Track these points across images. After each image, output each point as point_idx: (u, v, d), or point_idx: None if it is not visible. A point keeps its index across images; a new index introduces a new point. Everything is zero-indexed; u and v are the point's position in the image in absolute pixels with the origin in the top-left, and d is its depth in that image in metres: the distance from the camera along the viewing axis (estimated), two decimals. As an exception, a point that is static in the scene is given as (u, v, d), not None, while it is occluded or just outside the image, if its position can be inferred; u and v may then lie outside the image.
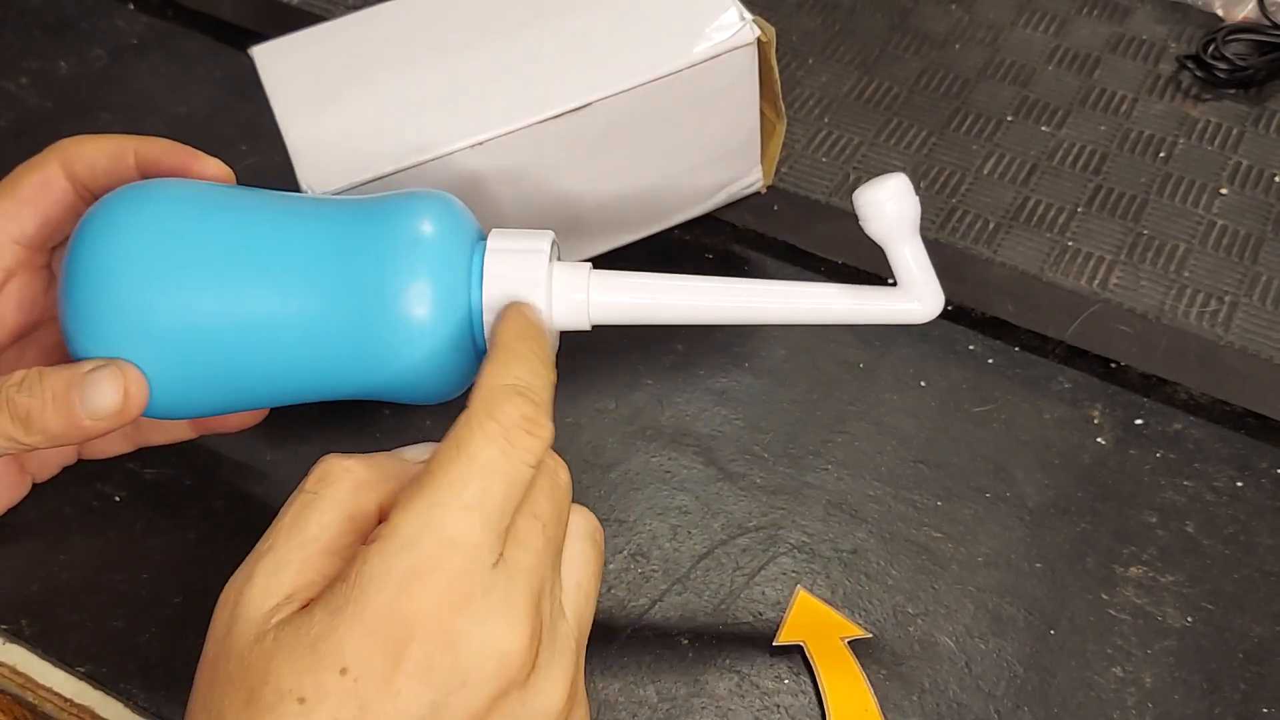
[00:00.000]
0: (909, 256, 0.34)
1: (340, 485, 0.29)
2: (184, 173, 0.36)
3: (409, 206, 0.33)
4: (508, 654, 0.27)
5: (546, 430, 0.29)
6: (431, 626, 0.26)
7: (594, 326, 0.34)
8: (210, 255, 0.33)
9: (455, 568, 0.27)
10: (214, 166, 0.37)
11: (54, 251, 0.38)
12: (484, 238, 0.34)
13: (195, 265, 0.33)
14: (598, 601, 0.32)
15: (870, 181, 0.33)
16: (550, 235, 0.34)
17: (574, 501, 0.31)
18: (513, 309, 0.33)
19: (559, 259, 0.34)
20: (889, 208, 0.33)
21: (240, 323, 0.33)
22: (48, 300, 0.38)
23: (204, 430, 0.39)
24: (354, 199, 0.35)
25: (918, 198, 0.34)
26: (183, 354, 0.33)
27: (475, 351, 0.34)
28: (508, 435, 0.28)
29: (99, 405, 0.32)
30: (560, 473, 0.30)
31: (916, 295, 0.34)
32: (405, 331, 0.32)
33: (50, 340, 0.38)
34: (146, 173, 0.36)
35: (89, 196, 0.37)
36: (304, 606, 0.27)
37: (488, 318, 0.33)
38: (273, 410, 0.39)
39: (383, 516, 0.30)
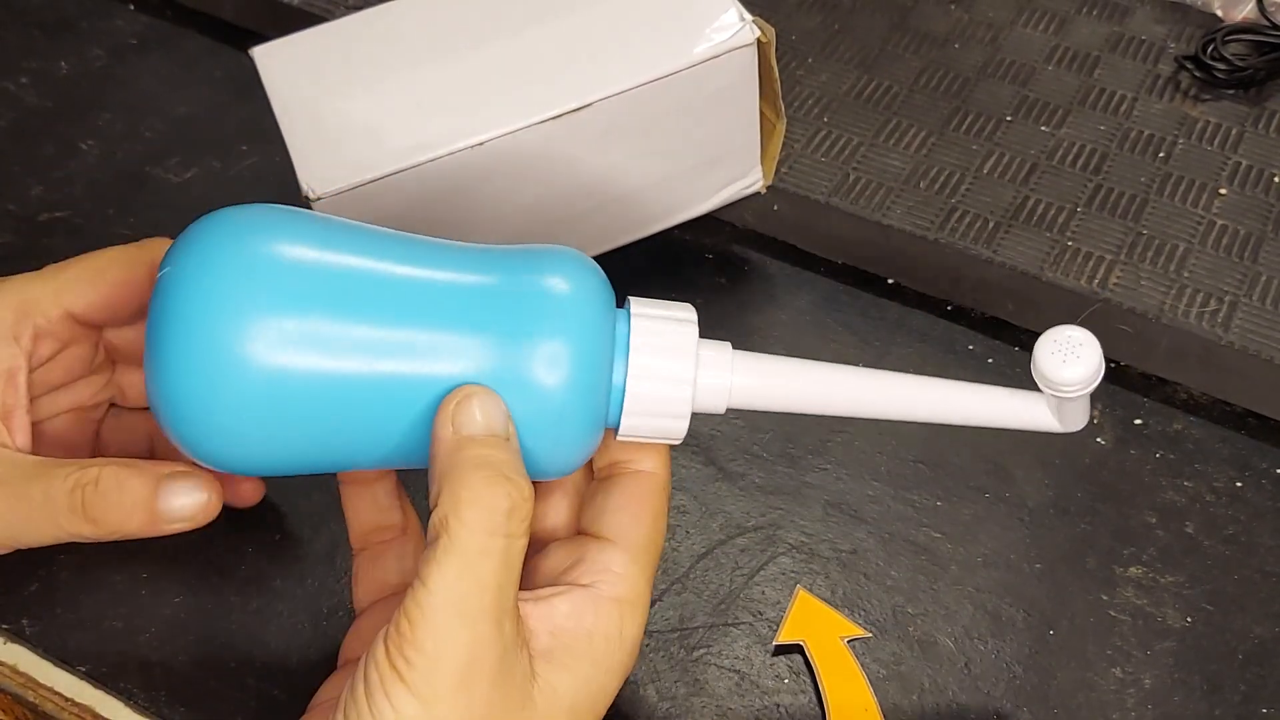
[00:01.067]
0: (1079, 403, 0.31)
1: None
2: None
3: (549, 262, 0.30)
4: None
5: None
6: None
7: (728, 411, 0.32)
8: (325, 309, 0.28)
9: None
10: None
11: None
12: (624, 301, 0.31)
13: (309, 322, 0.28)
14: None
15: (1065, 351, 0.30)
16: (693, 312, 0.31)
17: None
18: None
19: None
20: (1090, 387, 0.30)
21: (355, 388, 0.28)
22: (91, 361, 0.38)
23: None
24: (489, 247, 0.31)
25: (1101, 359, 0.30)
26: (290, 423, 0.29)
27: (602, 430, 0.31)
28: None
29: (180, 514, 0.33)
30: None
31: (1065, 422, 0.32)
32: (539, 403, 0.29)
33: (86, 392, 0.38)
34: None
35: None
36: None
37: (629, 406, 0.30)
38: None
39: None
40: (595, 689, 0.30)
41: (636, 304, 0.31)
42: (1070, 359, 0.30)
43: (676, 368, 0.30)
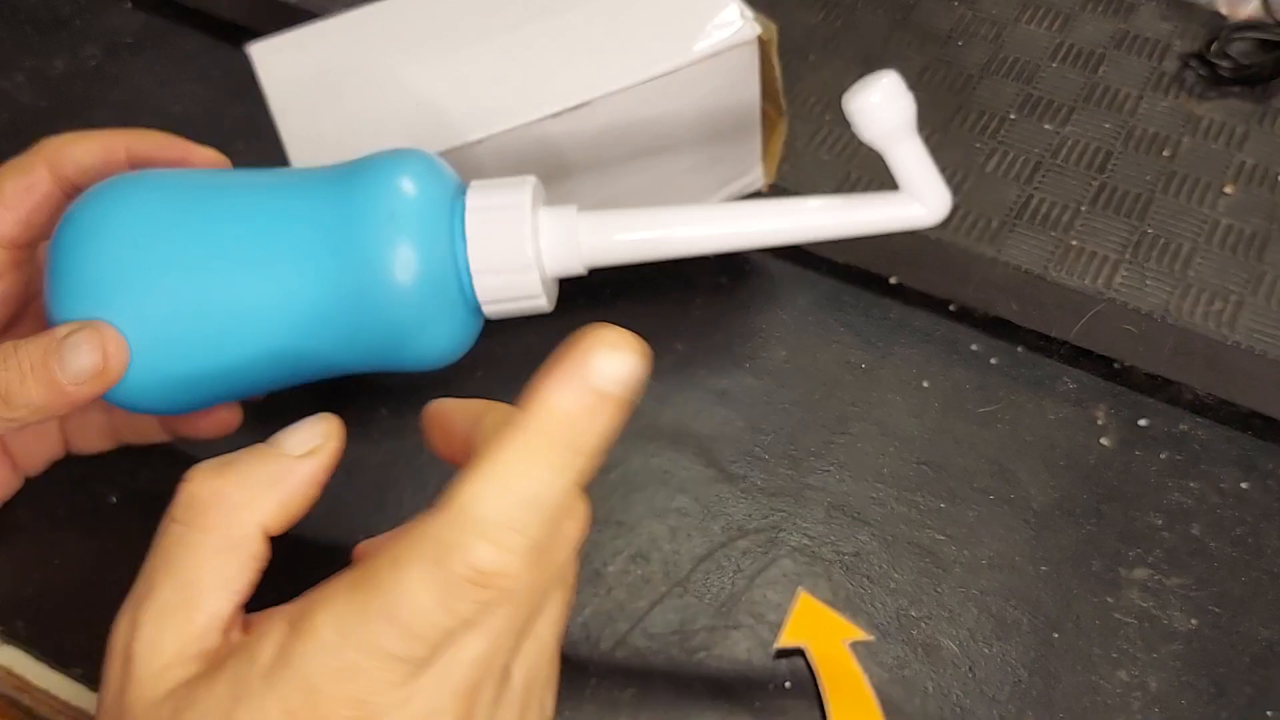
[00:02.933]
0: (908, 157, 0.32)
1: (210, 513, 0.28)
2: (180, 165, 0.36)
3: (385, 167, 0.33)
4: None
5: (513, 581, 0.24)
6: None
7: (590, 270, 0.34)
8: (190, 234, 0.32)
9: (361, 690, 0.25)
10: (209, 156, 0.36)
11: (40, 247, 0.37)
12: (464, 191, 0.34)
13: (175, 243, 0.32)
14: (565, 633, 0.31)
15: (859, 84, 0.32)
16: (530, 183, 0.33)
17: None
18: (575, 368, 0.25)
19: (544, 202, 0.34)
20: (882, 112, 0.31)
21: (222, 301, 0.32)
22: (28, 294, 0.37)
23: (178, 432, 0.39)
24: (332, 166, 0.34)
25: (912, 95, 0.32)
26: (164, 335, 0.32)
27: (469, 310, 0.34)
28: (452, 588, 0.24)
29: (79, 368, 0.31)
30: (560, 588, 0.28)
31: (919, 198, 0.33)
32: (391, 296, 0.32)
33: (29, 331, 0.38)
34: (140, 168, 0.36)
35: (77, 195, 0.36)
36: (209, 658, 0.26)
37: (478, 280, 0.32)
38: (264, 408, 0.39)
39: (270, 532, 0.28)
40: None
41: (473, 192, 0.33)
42: (871, 88, 0.32)
43: (514, 255, 0.32)
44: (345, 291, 0.32)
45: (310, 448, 0.29)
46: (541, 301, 0.34)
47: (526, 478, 0.24)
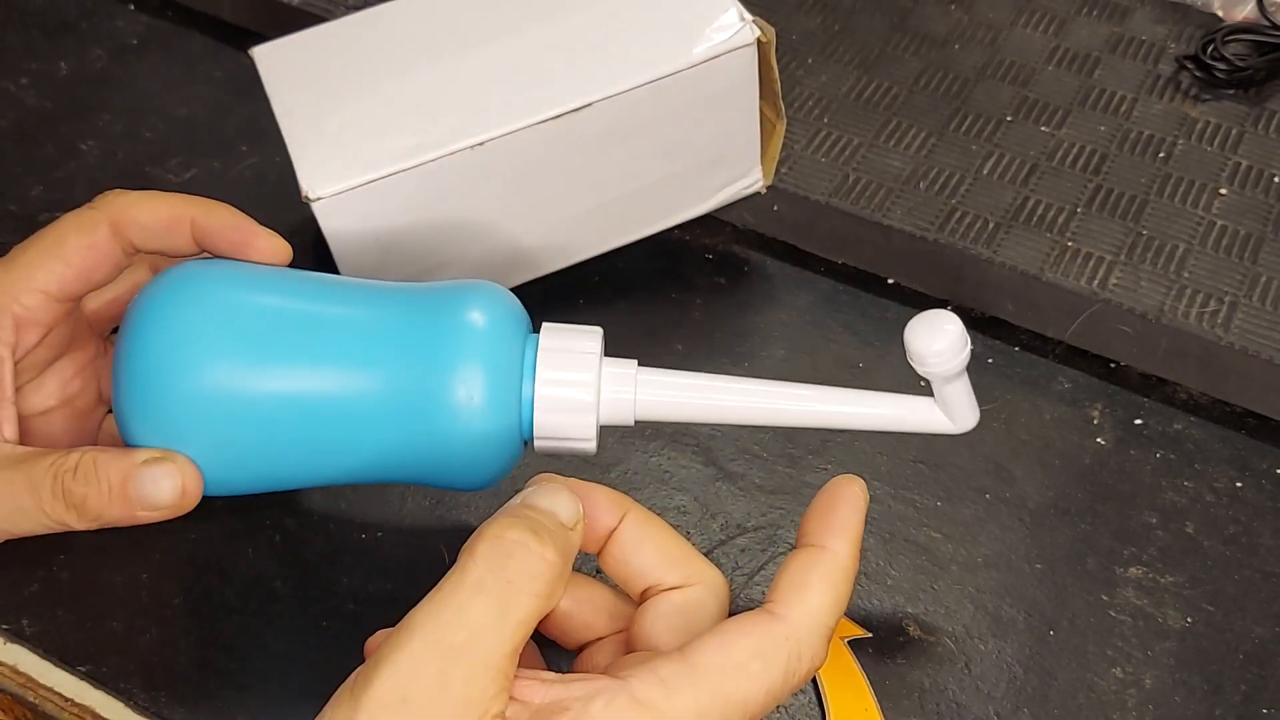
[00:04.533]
0: (952, 394, 0.34)
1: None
2: (242, 249, 0.35)
3: (464, 295, 0.34)
4: None
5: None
6: None
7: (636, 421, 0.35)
8: (267, 342, 0.33)
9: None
10: (273, 246, 0.35)
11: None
12: (535, 330, 0.35)
13: (252, 352, 0.33)
14: None
15: (922, 325, 0.33)
16: (600, 334, 0.34)
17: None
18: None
19: (605, 352, 0.35)
20: (949, 361, 0.33)
21: (294, 409, 0.33)
22: (73, 335, 0.38)
23: None
24: (409, 285, 0.35)
25: (969, 340, 0.33)
26: (237, 439, 0.33)
27: (520, 442, 0.34)
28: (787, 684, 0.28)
29: (157, 499, 0.32)
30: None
31: (953, 418, 0.35)
32: (454, 419, 0.33)
33: (70, 371, 0.38)
34: (202, 245, 0.35)
35: (134, 254, 0.36)
36: None
37: (539, 417, 0.33)
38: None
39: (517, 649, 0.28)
40: None
41: (546, 334, 0.34)
42: (937, 334, 0.32)
43: (578, 395, 0.33)
44: (411, 408, 0.33)
45: (575, 522, 0.30)
46: (591, 446, 0.34)
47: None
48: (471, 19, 0.42)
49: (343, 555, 0.39)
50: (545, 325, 0.34)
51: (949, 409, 0.35)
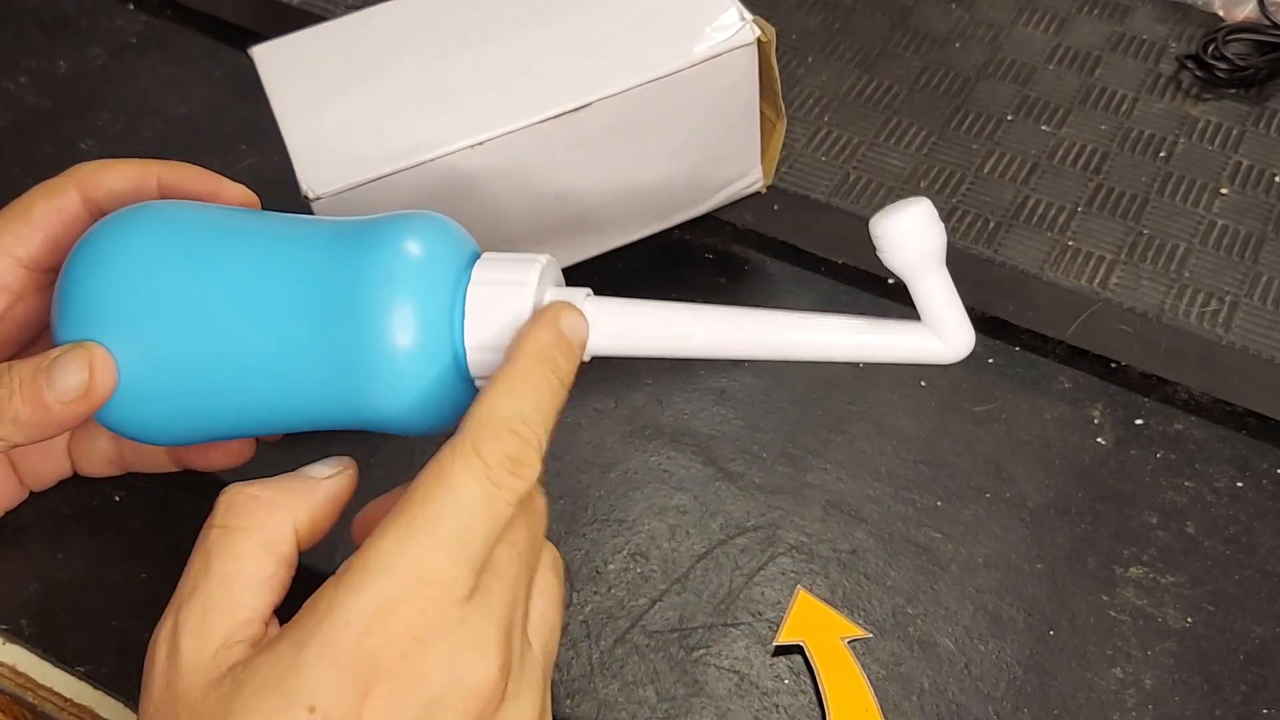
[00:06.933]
0: (932, 291, 0.31)
1: (250, 515, 0.29)
2: (209, 199, 0.36)
3: (395, 228, 0.32)
4: (479, 687, 0.26)
5: (534, 471, 0.28)
6: (401, 661, 0.26)
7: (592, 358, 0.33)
8: (196, 270, 0.32)
9: (427, 602, 0.26)
10: (239, 193, 0.36)
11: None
12: (477, 259, 0.33)
13: (180, 277, 0.32)
14: (564, 630, 0.32)
15: (887, 209, 0.30)
16: (540, 263, 0.32)
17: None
18: (547, 317, 0.31)
19: (557, 280, 0.33)
20: (910, 240, 0.30)
21: (220, 341, 0.32)
22: (48, 316, 0.38)
23: (185, 464, 0.39)
24: (348, 220, 0.34)
25: (942, 225, 0.30)
26: (159, 365, 0.32)
27: (462, 384, 0.32)
28: (492, 475, 0.28)
29: (65, 386, 0.31)
30: (538, 500, 0.30)
31: (941, 334, 0.31)
32: (385, 361, 0.31)
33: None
34: (169, 199, 0.36)
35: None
36: (256, 644, 0.27)
37: (472, 356, 0.32)
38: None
39: (300, 540, 0.30)
40: None
41: (481, 266, 0.32)
42: (901, 214, 0.30)
43: (507, 331, 0.31)
44: (338, 350, 0.31)
45: (333, 473, 0.31)
46: None
47: (527, 386, 0.29)
48: (471, 18, 0.42)
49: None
50: (484, 255, 0.33)
51: (935, 321, 0.31)
